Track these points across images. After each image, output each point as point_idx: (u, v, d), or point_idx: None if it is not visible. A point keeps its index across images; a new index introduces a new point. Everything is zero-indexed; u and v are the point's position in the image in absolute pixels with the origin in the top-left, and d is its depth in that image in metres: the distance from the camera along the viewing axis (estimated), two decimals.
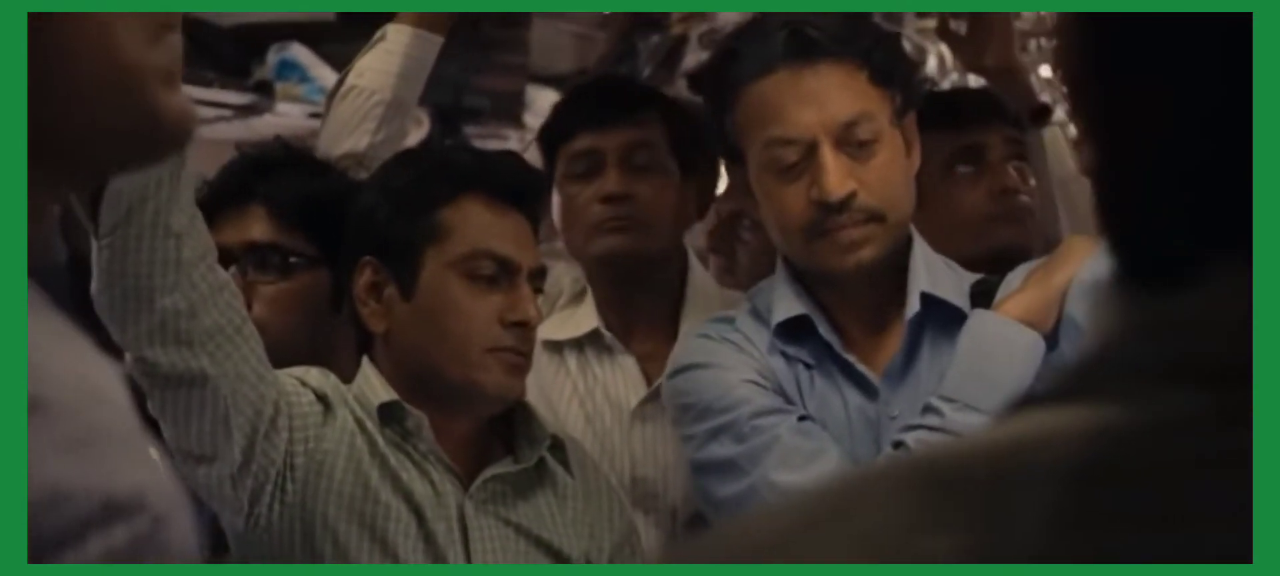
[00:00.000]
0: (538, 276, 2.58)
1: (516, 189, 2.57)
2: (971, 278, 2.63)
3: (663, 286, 3.08)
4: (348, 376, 2.54)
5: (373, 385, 2.50)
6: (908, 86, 2.57)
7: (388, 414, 2.48)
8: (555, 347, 3.10)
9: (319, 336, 2.73)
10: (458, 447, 2.52)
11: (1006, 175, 3.18)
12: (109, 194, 2.21)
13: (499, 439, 2.59)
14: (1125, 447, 0.69)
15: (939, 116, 3.09)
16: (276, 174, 2.81)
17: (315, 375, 2.50)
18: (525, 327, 2.51)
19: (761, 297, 2.63)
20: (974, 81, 3.75)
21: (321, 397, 2.47)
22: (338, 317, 2.72)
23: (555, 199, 3.10)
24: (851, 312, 2.58)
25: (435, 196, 2.51)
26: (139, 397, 2.31)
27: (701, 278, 3.11)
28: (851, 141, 2.47)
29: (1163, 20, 0.72)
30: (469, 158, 2.64)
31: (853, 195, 2.46)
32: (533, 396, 3.02)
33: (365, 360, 2.54)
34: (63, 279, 2.75)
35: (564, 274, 3.19)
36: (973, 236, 2.95)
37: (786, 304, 2.57)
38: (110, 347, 2.27)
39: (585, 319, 3.09)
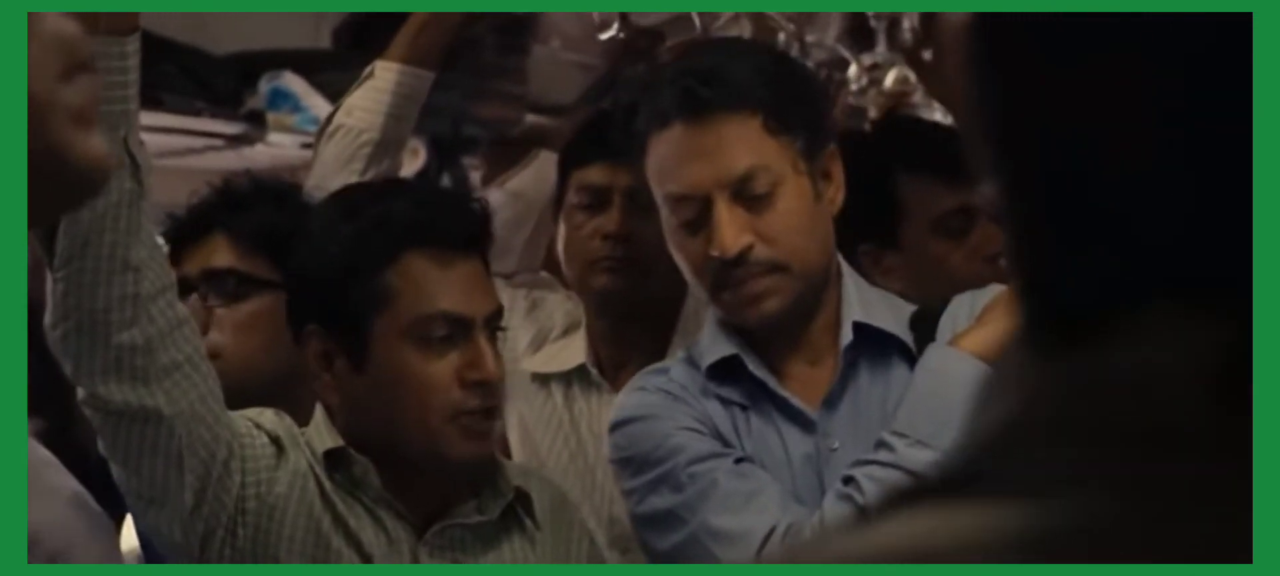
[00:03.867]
0: (495, 320, 2.45)
1: (463, 234, 2.44)
2: (909, 307, 2.59)
3: (656, 323, 3.05)
4: (310, 409, 2.47)
5: (320, 431, 2.41)
6: (812, 128, 2.51)
7: (334, 460, 2.39)
8: (543, 381, 3.08)
9: (279, 362, 2.65)
10: (414, 494, 2.41)
11: (995, 239, 3.12)
12: (65, 224, 2.15)
13: (462, 483, 2.48)
14: (1056, 557, 0.63)
15: (931, 169, 3.04)
16: (240, 204, 2.78)
17: (270, 417, 2.41)
18: (486, 386, 2.38)
19: (697, 344, 2.60)
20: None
21: (275, 440, 2.38)
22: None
23: (560, 226, 3.09)
24: (784, 348, 2.54)
25: (375, 258, 2.37)
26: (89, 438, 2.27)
27: (693, 314, 3.07)
28: (747, 195, 2.44)
29: (1089, 28, 0.68)
30: (407, 208, 2.45)
31: (749, 249, 2.43)
32: (518, 430, 2.99)
33: (318, 406, 2.45)
34: None
35: (557, 307, 3.16)
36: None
37: (716, 346, 2.54)
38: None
39: (574, 354, 3.06)
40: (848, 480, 2.40)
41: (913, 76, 3.73)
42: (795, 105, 2.50)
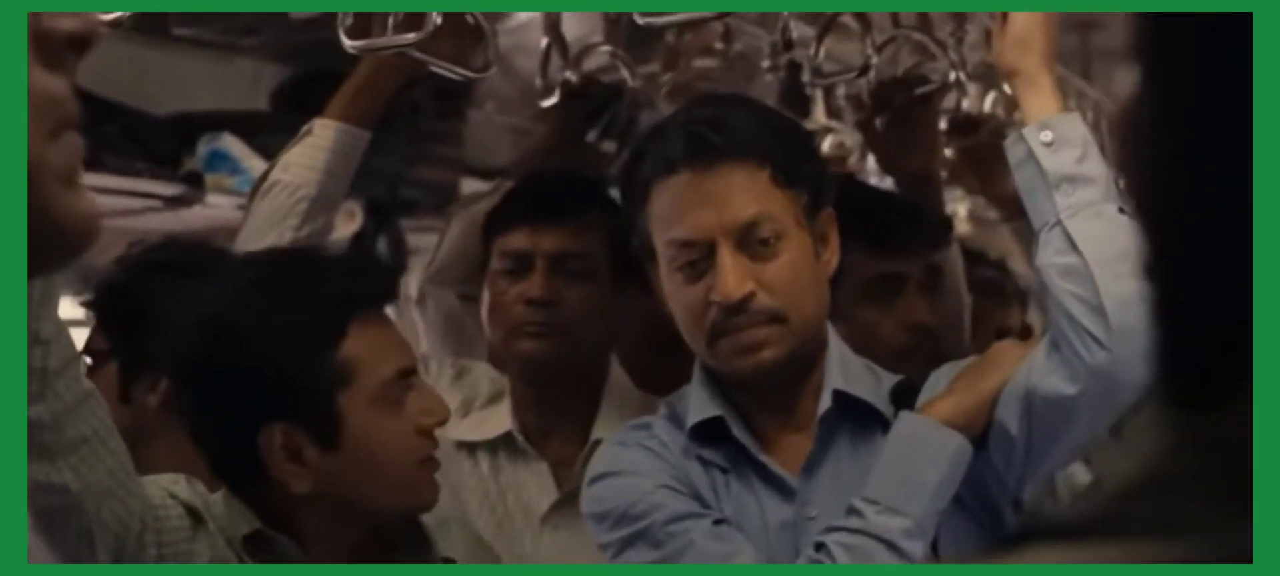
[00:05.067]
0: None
1: (388, 293, 2.48)
2: (892, 379, 2.60)
3: (580, 391, 3.05)
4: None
5: (231, 513, 2.36)
6: (816, 185, 2.54)
7: (253, 543, 2.36)
8: (469, 449, 3.08)
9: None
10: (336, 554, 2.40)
11: (920, 309, 3.16)
12: None
13: (385, 552, 2.47)
14: None
15: (863, 234, 3.07)
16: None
17: (183, 486, 2.37)
18: (438, 426, 2.42)
19: (681, 401, 2.60)
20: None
21: (191, 510, 2.35)
22: (127, 408, 2.74)
23: (484, 293, 3.08)
24: (767, 414, 2.56)
25: (328, 336, 2.34)
26: None
27: (619, 382, 3.08)
28: (752, 242, 2.45)
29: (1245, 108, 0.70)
30: (337, 276, 2.45)
31: (751, 296, 2.44)
32: (445, 499, 2.98)
33: (225, 491, 2.40)
34: None
35: (484, 375, 3.16)
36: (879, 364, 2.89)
37: (701, 405, 2.55)
38: None
39: (499, 421, 3.06)
40: (819, 546, 2.41)
41: (848, 142, 3.78)
42: (801, 162, 2.52)
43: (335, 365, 2.32)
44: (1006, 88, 3.35)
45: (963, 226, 5.36)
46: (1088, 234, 2.35)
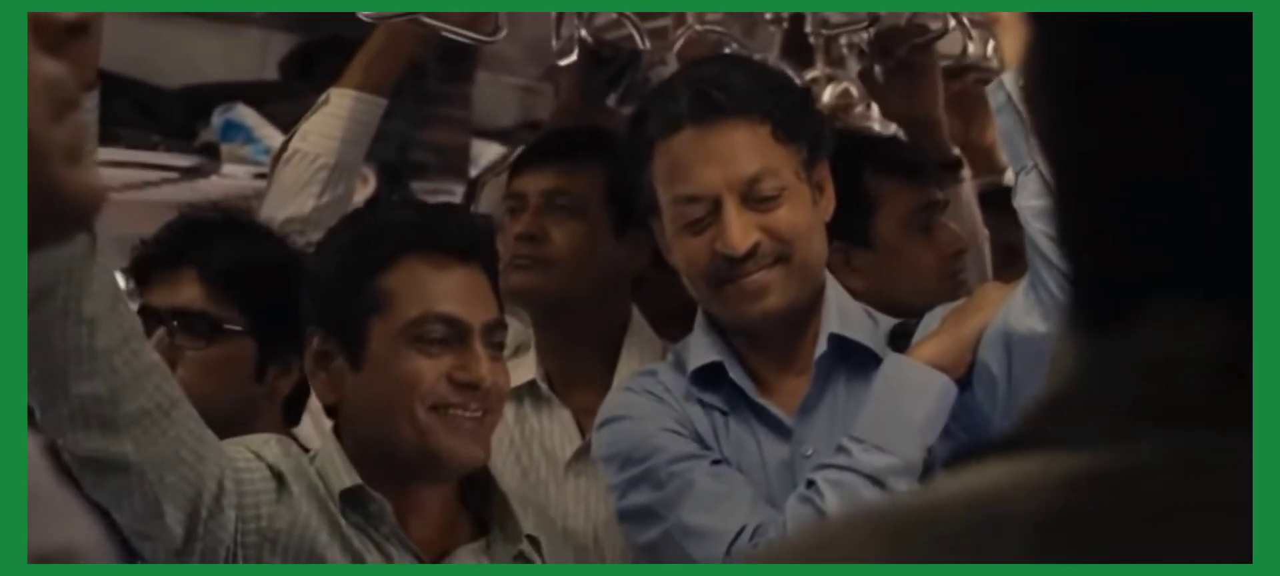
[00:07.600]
0: (494, 331, 2.46)
1: (460, 241, 2.46)
2: (890, 323, 2.69)
3: (601, 340, 3.09)
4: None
5: (336, 467, 2.40)
6: (815, 139, 2.63)
7: (350, 498, 2.38)
8: None
9: (238, 404, 2.72)
10: (424, 526, 2.43)
11: (956, 237, 3.20)
12: (30, 273, 2.05)
13: (472, 519, 2.51)
14: (1095, 496, 0.70)
15: (904, 167, 3.13)
16: (211, 239, 2.82)
17: (274, 448, 2.41)
18: (476, 389, 2.39)
19: (685, 349, 2.70)
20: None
21: (277, 474, 2.37)
22: (259, 387, 2.77)
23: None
24: (765, 357, 2.65)
25: (373, 261, 2.41)
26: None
27: (641, 331, 3.12)
28: (755, 196, 2.54)
29: (1127, 52, 0.73)
30: (407, 215, 2.54)
31: (756, 246, 2.53)
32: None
33: (331, 436, 2.46)
34: None
35: (509, 326, 3.20)
36: (923, 295, 2.91)
37: (701, 351, 2.64)
38: None
39: (524, 370, 3.09)
40: (810, 483, 2.50)
41: (854, 91, 3.80)
42: (800, 117, 2.62)
43: (375, 289, 2.40)
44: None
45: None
46: None
